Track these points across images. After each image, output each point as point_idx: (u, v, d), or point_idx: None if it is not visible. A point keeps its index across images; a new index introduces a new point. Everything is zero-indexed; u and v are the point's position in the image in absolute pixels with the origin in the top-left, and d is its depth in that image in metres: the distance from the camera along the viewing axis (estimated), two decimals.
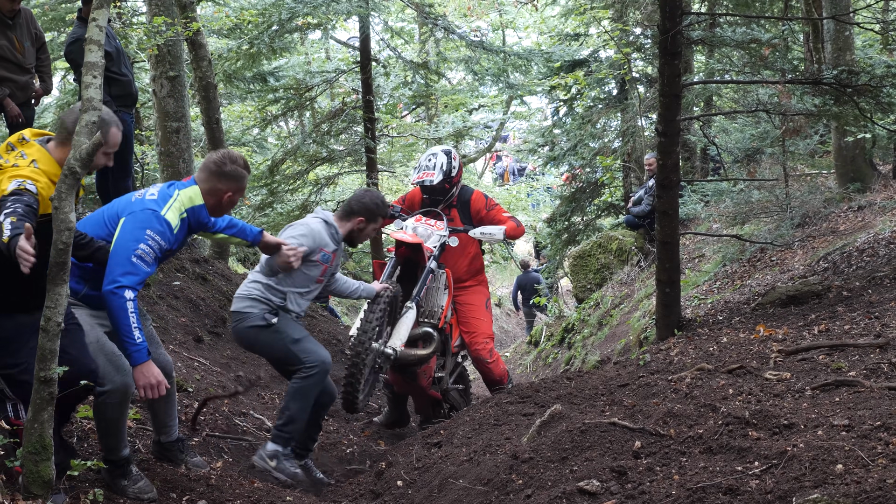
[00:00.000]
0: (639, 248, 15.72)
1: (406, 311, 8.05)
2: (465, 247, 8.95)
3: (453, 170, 8.79)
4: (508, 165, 33.44)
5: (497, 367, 9.11)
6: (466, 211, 8.92)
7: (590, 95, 17.61)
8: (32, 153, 4.88)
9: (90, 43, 4.67)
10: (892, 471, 3.84)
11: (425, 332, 8.25)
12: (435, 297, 8.58)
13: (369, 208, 7.29)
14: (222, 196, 5.80)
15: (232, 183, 5.80)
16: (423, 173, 8.74)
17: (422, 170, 8.79)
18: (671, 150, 8.19)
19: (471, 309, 9.08)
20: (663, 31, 7.89)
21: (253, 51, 14.41)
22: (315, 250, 6.87)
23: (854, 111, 8.42)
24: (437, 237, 8.49)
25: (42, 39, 10.00)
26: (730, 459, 4.51)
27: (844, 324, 6.99)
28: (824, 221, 11.74)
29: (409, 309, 8.05)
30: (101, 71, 4.66)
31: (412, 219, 8.68)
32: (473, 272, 9.20)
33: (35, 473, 4.53)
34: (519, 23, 28.64)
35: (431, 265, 8.32)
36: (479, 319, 9.11)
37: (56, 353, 4.42)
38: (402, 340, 7.82)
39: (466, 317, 9.07)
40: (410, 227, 8.52)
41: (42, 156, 4.89)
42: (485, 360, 9.01)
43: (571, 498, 4.54)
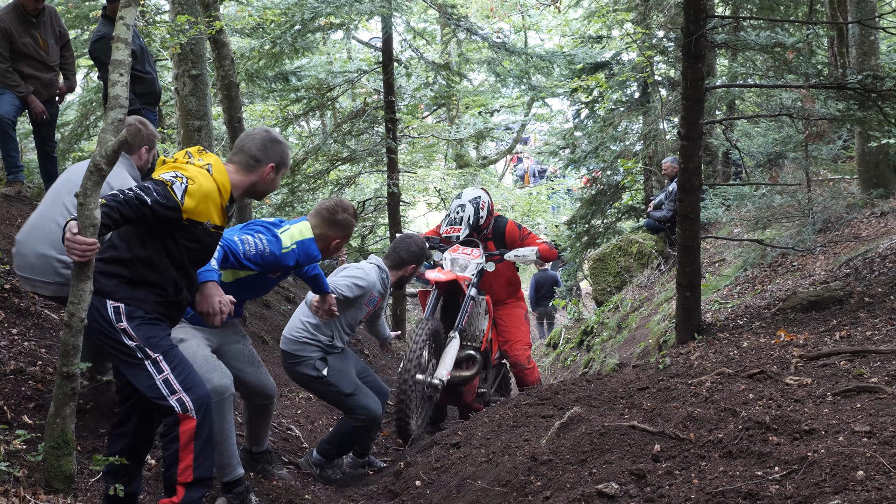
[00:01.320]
0: (659, 251, 15.68)
1: (450, 341, 8.46)
2: (503, 273, 9.42)
3: (481, 219, 9.20)
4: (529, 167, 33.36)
5: (533, 373, 9.53)
6: (502, 241, 9.37)
7: (612, 98, 17.56)
8: (210, 159, 4.88)
9: (117, 41, 4.70)
10: None
11: (468, 355, 8.74)
12: (476, 322, 9.04)
13: (418, 255, 7.77)
14: (331, 242, 6.20)
15: (342, 231, 6.22)
16: (449, 228, 9.19)
17: (450, 223, 9.23)
18: (693, 154, 8.18)
19: (510, 320, 9.61)
20: (686, 34, 7.88)
21: (275, 50, 14.44)
22: (366, 294, 7.18)
23: (878, 116, 8.38)
24: (474, 265, 8.90)
25: (66, 37, 10.07)
26: (750, 464, 4.50)
27: (866, 330, 6.96)
28: (846, 227, 11.69)
29: (453, 339, 8.48)
30: (128, 69, 4.69)
31: (449, 249, 9.09)
32: (512, 292, 9.75)
33: (57, 468, 4.56)
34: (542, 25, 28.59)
35: (471, 293, 8.75)
36: (518, 329, 9.63)
37: (79, 350, 4.45)
38: (447, 370, 8.24)
39: (507, 326, 9.56)
40: (449, 259, 8.95)
41: (219, 165, 4.89)
42: (522, 366, 9.48)
43: (590, 500, 4.54)
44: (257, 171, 5.04)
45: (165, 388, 4.66)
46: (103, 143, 4.43)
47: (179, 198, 4.56)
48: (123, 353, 4.71)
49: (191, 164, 4.78)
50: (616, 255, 16.56)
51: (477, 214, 9.14)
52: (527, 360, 9.48)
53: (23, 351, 6.67)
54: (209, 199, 4.71)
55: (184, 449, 4.73)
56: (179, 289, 4.86)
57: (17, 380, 6.21)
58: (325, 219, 6.13)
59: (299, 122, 19.79)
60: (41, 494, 4.46)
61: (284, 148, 5.18)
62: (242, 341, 6.18)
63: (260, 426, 6.51)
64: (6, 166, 9.83)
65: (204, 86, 12.06)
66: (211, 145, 12.17)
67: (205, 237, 4.81)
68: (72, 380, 4.46)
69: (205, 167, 4.77)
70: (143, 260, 4.70)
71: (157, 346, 4.71)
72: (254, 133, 5.18)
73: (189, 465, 4.76)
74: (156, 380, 4.67)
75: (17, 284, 7.39)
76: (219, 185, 4.78)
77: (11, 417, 5.72)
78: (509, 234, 9.36)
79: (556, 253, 9.37)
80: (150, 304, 4.73)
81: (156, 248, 4.69)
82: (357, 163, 16.26)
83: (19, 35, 9.42)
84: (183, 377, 4.73)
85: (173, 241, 4.70)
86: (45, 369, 6.46)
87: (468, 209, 9.15)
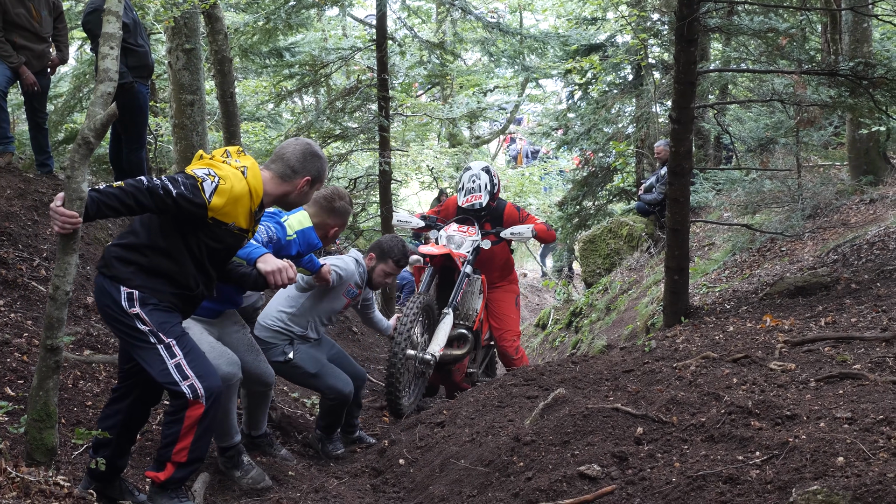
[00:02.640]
0: (649, 234, 15.68)
1: (444, 318, 8.45)
2: (499, 254, 9.39)
3: (496, 186, 9.22)
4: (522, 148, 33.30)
5: (520, 363, 9.42)
6: (500, 223, 9.32)
7: (605, 80, 17.52)
8: (247, 162, 4.87)
9: (108, 14, 4.68)
10: (893, 465, 3.83)
11: (460, 334, 8.72)
12: (470, 301, 9.00)
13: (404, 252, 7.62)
14: (329, 230, 6.36)
15: (339, 218, 6.39)
16: (470, 197, 9.16)
17: (467, 193, 9.18)
18: (684, 138, 8.17)
19: (501, 306, 9.57)
20: (680, 17, 7.86)
21: (269, 26, 14.37)
22: (343, 285, 7.17)
23: (869, 103, 8.37)
24: (469, 242, 8.90)
25: (59, 9, 10.04)
26: (731, 448, 4.51)
27: (851, 316, 6.97)
28: (835, 213, 11.70)
29: (447, 315, 8.47)
30: (119, 42, 4.67)
31: (445, 227, 9.12)
32: (505, 275, 9.67)
33: (39, 441, 4.55)
34: (537, 5, 28.52)
35: (466, 269, 8.74)
36: (509, 317, 9.61)
37: (63, 322, 4.44)
38: (440, 346, 8.26)
39: (498, 313, 9.54)
40: (444, 236, 8.96)
41: (255, 169, 4.88)
42: (511, 357, 9.48)
43: (572, 482, 4.55)
44: (292, 182, 5.04)
45: (177, 374, 4.66)
46: (92, 116, 4.41)
47: (207, 196, 4.58)
48: (136, 337, 4.71)
49: (227, 163, 4.79)
50: (606, 237, 16.55)
51: (492, 182, 9.17)
52: (515, 350, 9.48)
53: (9, 322, 6.66)
54: (238, 202, 4.72)
55: (185, 431, 4.75)
56: (196, 284, 4.87)
57: (2, 351, 6.20)
58: (323, 207, 6.22)
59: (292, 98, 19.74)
60: (23, 466, 4.44)
61: (323, 163, 5.17)
62: (242, 330, 6.21)
63: (259, 412, 6.61)
64: None
65: (197, 60, 12.02)
66: (203, 119, 12.13)
67: (228, 238, 4.82)
68: (56, 353, 4.45)
69: (240, 169, 4.77)
70: (162, 251, 4.70)
71: (171, 332, 4.72)
72: (296, 143, 5.14)
73: (186, 447, 4.79)
74: (168, 364, 4.67)
75: (3, 255, 7.37)
76: (251, 189, 4.79)
77: None
78: (508, 216, 9.35)
79: (553, 234, 9.37)
80: (164, 294, 4.74)
81: (176, 241, 4.70)
82: (349, 140, 16.21)
83: (12, 5, 9.39)
84: (195, 364, 4.74)
85: (195, 238, 4.72)
86: (30, 341, 6.46)
87: (483, 177, 9.16)
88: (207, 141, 12.30)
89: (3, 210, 8.28)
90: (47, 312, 4.38)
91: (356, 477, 6.17)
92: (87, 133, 4.34)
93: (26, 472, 4.40)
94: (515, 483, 4.76)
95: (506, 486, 4.80)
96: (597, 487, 4.48)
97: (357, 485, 5.95)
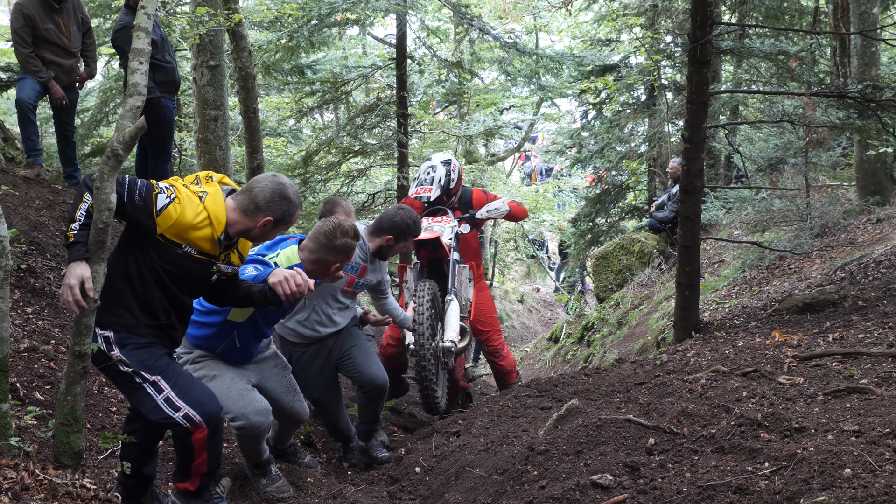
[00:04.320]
0: (660, 251, 15.69)
1: (449, 304, 8.18)
2: (470, 241, 9.02)
3: (452, 182, 8.78)
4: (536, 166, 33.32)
5: (508, 359, 9.29)
6: (469, 209, 8.97)
7: (619, 100, 17.54)
8: (210, 188, 4.72)
9: (138, 30, 4.72)
10: None
11: (460, 326, 8.35)
12: (463, 289, 8.69)
13: (400, 227, 7.20)
14: (329, 266, 5.72)
15: (341, 256, 5.71)
16: (420, 188, 8.74)
17: (420, 184, 8.77)
18: (696, 157, 8.17)
19: (484, 306, 9.21)
20: (693, 39, 7.87)
21: (292, 44, 14.42)
22: None
23: (877, 125, 8.37)
24: (449, 230, 8.53)
25: (88, 24, 10.11)
26: (740, 459, 4.51)
27: (858, 332, 6.96)
28: (843, 232, 11.67)
29: (451, 301, 8.19)
30: (148, 57, 4.71)
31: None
32: (477, 263, 9.26)
33: (66, 444, 4.58)
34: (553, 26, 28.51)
35: (454, 257, 8.43)
36: (492, 317, 9.33)
37: (91, 329, 4.46)
38: (455, 331, 8.01)
39: (481, 310, 9.14)
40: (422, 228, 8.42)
41: (217, 195, 4.71)
42: (500, 352, 9.22)
43: (584, 490, 4.55)
44: (254, 218, 4.77)
45: (168, 407, 4.62)
46: (121, 129, 4.44)
47: (157, 208, 4.44)
48: (122, 380, 4.69)
49: (188, 188, 4.64)
50: (618, 253, 16.56)
51: (448, 176, 8.76)
52: (501, 345, 9.26)
53: (36, 330, 6.70)
54: (190, 229, 4.54)
55: (198, 452, 4.78)
56: (167, 313, 4.75)
57: (30, 357, 6.24)
58: (322, 244, 5.67)
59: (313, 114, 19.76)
60: (50, 469, 4.48)
61: (291, 208, 4.86)
62: (282, 373, 6.13)
63: (288, 434, 6.59)
64: (26, 149, 9.86)
65: (221, 76, 12.07)
66: (226, 134, 12.17)
67: (186, 262, 4.64)
68: (83, 359, 4.48)
69: (199, 194, 4.63)
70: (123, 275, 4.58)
71: (154, 368, 4.65)
72: (268, 181, 4.86)
73: (203, 460, 4.83)
74: (157, 400, 4.62)
75: (32, 265, 7.42)
76: (210, 216, 4.62)
77: (24, 394, 5.75)
78: (477, 201, 9.02)
79: (525, 210, 9.12)
80: (139, 327, 4.66)
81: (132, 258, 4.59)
82: (368, 156, 16.23)
83: (42, 21, 9.45)
84: (186, 393, 4.67)
85: (149, 257, 4.56)
86: (57, 348, 6.50)
87: (439, 170, 8.76)
88: (230, 155, 12.34)
89: (32, 220, 8.34)
90: (75, 319, 4.41)
91: (373, 484, 6.18)
92: (117, 145, 4.37)
93: (54, 474, 4.43)
94: (529, 491, 4.76)
95: (520, 494, 4.80)
96: (609, 496, 4.48)
97: (374, 492, 5.96)
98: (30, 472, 4.36)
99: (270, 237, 5.03)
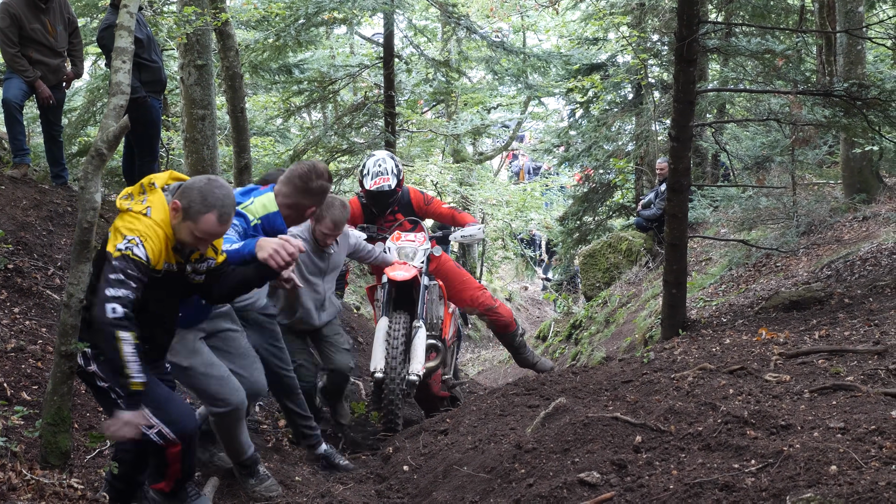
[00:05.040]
0: (647, 249, 15.70)
1: (416, 332, 7.98)
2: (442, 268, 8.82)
3: (400, 172, 8.56)
4: (524, 164, 33.31)
5: (503, 309, 9.10)
6: (409, 210, 8.73)
7: (606, 99, 17.57)
8: (153, 200, 4.46)
9: (120, 29, 4.71)
10: (884, 473, 3.84)
11: (431, 345, 8.26)
12: (433, 309, 8.53)
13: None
14: (305, 210, 5.61)
15: (317, 198, 5.59)
16: (378, 179, 8.41)
17: (374, 176, 8.42)
18: (683, 155, 8.18)
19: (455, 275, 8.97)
20: (680, 38, 7.87)
21: (279, 43, 14.42)
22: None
23: (863, 123, 8.39)
24: (421, 253, 8.35)
25: (74, 24, 10.10)
26: (727, 457, 4.51)
27: (844, 330, 6.97)
28: (829, 230, 11.70)
29: (419, 329, 7.99)
30: (131, 56, 4.70)
31: (391, 237, 8.47)
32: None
33: (53, 444, 4.57)
34: (540, 25, 28.50)
35: (424, 282, 8.22)
36: (465, 280, 9.04)
37: (77, 329, 4.45)
38: (421, 363, 7.83)
39: (453, 282, 8.93)
40: (395, 249, 8.33)
41: (159, 204, 4.46)
42: (492, 307, 8.97)
43: (572, 488, 4.55)
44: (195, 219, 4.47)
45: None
46: (105, 128, 4.43)
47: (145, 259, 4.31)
48: (100, 395, 4.62)
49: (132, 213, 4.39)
50: (606, 251, 16.56)
51: (398, 167, 8.50)
52: (491, 299, 9.00)
53: (24, 329, 6.67)
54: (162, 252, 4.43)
55: (172, 463, 4.78)
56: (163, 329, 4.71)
57: (17, 357, 6.21)
58: (297, 187, 5.48)
59: (301, 113, 19.77)
60: (37, 469, 4.47)
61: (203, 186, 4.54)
62: (234, 334, 5.82)
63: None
64: (13, 149, 9.83)
65: (209, 76, 12.05)
66: (214, 134, 12.15)
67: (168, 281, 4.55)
68: (70, 359, 4.47)
69: (143, 211, 4.41)
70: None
71: None
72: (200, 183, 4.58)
73: (178, 469, 4.86)
74: None
75: (19, 264, 7.39)
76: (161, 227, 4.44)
77: (11, 394, 5.73)
78: (415, 202, 8.72)
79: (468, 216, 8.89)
80: None
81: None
82: (356, 155, 16.24)
83: (28, 21, 9.43)
84: (160, 411, 4.60)
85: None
86: (44, 348, 6.47)
87: (388, 162, 8.45)
88: (218, 155, 12.32)
89: (19, 220, 8.31)
90: (62, 320, 4.40)
91: (361, 483, 6.17)
92: (101, 145, 4.36)
93: (41, 474, 4.42)
94: (517, 489, 4.76)
95: (507, 492, 4.80)
96: (596, 494, 4.48)
97: (362, 490, 5.95)
98: (17, 472, 4.35)
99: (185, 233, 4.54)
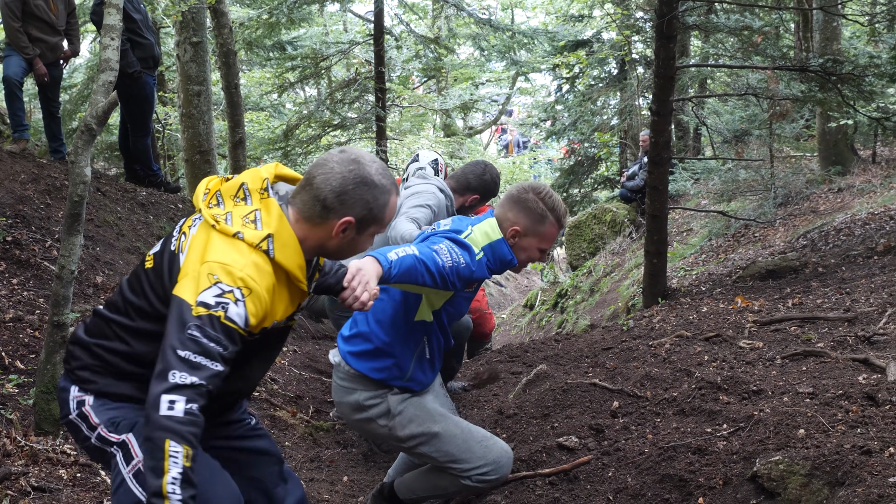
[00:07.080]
0: (631, 220, 15.69)
1: None
2: None
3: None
4: (513, 138, 33.32)
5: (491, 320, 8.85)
6: None
7: (591, 74, 17.56)
8: (268, 213, 2.95)
9: (109, 6, 4.68)
10: (850, 437, 3.85)
11: None
12: None
13: (488, 186, 6.00)
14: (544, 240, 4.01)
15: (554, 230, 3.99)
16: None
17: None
18: (664, 129, 8.17)
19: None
20: (660, 15, 7.85)
21: (272, 20, 14.37)
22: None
23: (838, 98, 8.39)
24: None
25: (73, 4, 10.07)
26: (700, 421, 4.53)
27: (817, 298, 6.99)
28: (805, 201, 11.71)
29: None
30: (119, 33, 4.66)
31: None
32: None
33: (47, 412, 4.56)
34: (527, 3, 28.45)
35: None
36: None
37: (69, 300, 4.44)
38: None
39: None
40: None
41: (283, 230, 2.94)
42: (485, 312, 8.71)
43: (551, 452, 4.58)
44: (325, 225, 3.01)
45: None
46: (94, 104, 4.39)
47: (243, 324, 2.79)
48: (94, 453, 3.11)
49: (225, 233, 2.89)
50: (591, 222, 16.54)
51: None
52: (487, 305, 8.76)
53: (22, 300, 6.65)
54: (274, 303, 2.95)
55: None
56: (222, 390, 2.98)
57: (15, 327, 6.19)
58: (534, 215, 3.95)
59: (294, 89, 19.73)
60: (32, 436, 4.46)
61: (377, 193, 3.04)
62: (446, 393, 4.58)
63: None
64: (12, 125, 9.79)
65: (204, 53, 12.00)
66: (209, 109, 12.11)
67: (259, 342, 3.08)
68: (62, 328, 4.46)
69: (261, 244, 2.88)
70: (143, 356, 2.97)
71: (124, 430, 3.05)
72: (333, 161, 3.04)
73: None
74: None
75: (17, 237, 7.37)
76: (287, 269, 2.96)
77: (8, 363, 5.71)
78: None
79: None
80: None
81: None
82: (348, 129, 16.20)
83: None
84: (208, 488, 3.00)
85: None
86: (42, 318, 6.44)
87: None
88: (213, 129, 12.28)
89: (18, 194, 8.27)
90: (54, 290, 4.39)
91: (347, 447, 6.18)
92: (90, 120, 4.33)
93: (35, 441, 4.42)
94: None
95: None
96: (574, 457, 4.50)
97: (349, 455, 5.96)
98: (11, 439, 4.35)
99: (360, 247, 3.17)
